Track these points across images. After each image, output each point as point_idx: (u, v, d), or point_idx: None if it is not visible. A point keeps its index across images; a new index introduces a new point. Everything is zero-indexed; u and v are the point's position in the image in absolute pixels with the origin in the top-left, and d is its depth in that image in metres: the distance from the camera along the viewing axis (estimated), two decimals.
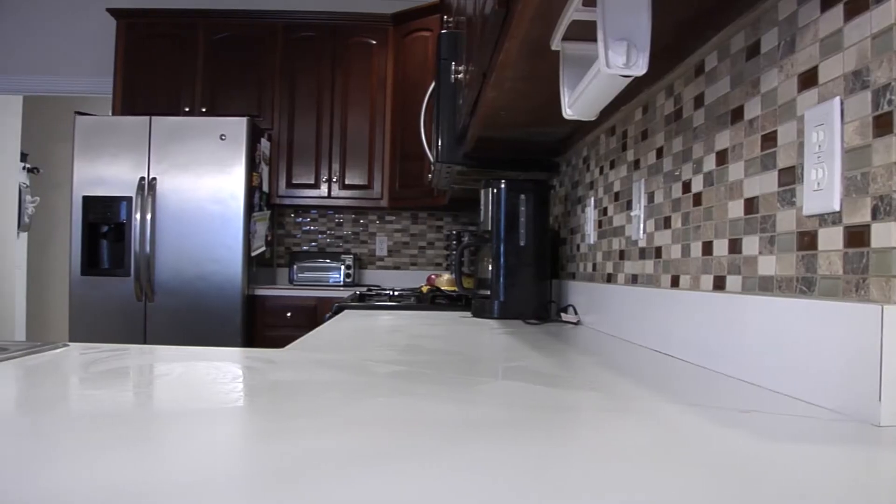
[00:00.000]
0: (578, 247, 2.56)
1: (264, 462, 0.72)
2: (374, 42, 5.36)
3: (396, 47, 5.32)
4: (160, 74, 5.35)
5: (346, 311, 2.90)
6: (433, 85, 3.01)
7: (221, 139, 4.69)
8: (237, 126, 4.73)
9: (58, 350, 1.47)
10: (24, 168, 7.00)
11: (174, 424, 0.88)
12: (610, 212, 2.18)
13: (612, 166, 2.17)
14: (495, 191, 2.58)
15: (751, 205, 1.27)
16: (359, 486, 0.63)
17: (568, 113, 1.38)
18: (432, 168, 3.24)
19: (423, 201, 5.13)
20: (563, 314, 2.49)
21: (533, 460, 0.73)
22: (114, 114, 5.32)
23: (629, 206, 1.98)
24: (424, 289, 3.70)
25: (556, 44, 1.35)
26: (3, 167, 6.49)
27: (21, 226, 6.97)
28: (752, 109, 1.28)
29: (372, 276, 5.69)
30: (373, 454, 0.74)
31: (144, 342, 4.60)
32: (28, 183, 7.12)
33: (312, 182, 5.35)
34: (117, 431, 0.83)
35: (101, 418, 0.90)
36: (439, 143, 2.83)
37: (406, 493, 0.61)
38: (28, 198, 7.12)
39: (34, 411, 0.97)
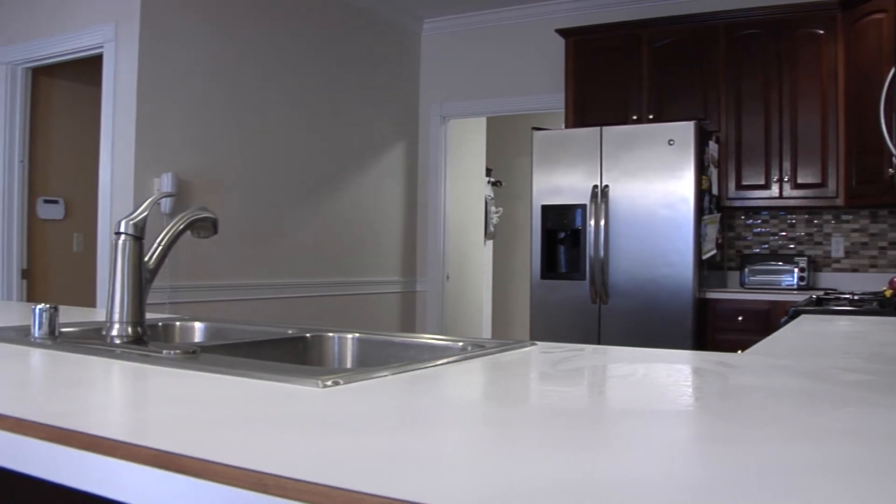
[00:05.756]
0: None
1: (725, 468, 0.71)
2: (822, 32, 5.07)
3: (846, 34, 4.97)
4: (607, 86, 5.59)
5: (802, 315, 2.83)
6: (893, 70, 2.83)
7: (670, 144, 4.78)
8: (684, 130, 4.79)
9: (526, 348, 1.60)
10: (489, 182, 7.78)
11: (634, 423, 0.92)
12: None
13: None
14: None
15: None
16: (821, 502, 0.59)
17: None
18: (893, 161, 3.04)
19: (884, 198, 4.73)
20: None
21: None
22: (566, 127, 5.66)
23: None
24: (888, 293, 3.47)
25: None
26: (472, 182, 7.26)
27: (487, 234, 7.73)
28: None
29: (827, 279, 5.40)
30: (841, 468, 0.70)
31: (598, 342, 4.84)
32: (492, 195, 7.90)
33: (762, 183, 5.22)
34: (581, 427, 0.90)
35: (567, 413, 0.98)
36: None
37: None
38: (493, 208, 7.88)
39: (512, 402, 1.10)
